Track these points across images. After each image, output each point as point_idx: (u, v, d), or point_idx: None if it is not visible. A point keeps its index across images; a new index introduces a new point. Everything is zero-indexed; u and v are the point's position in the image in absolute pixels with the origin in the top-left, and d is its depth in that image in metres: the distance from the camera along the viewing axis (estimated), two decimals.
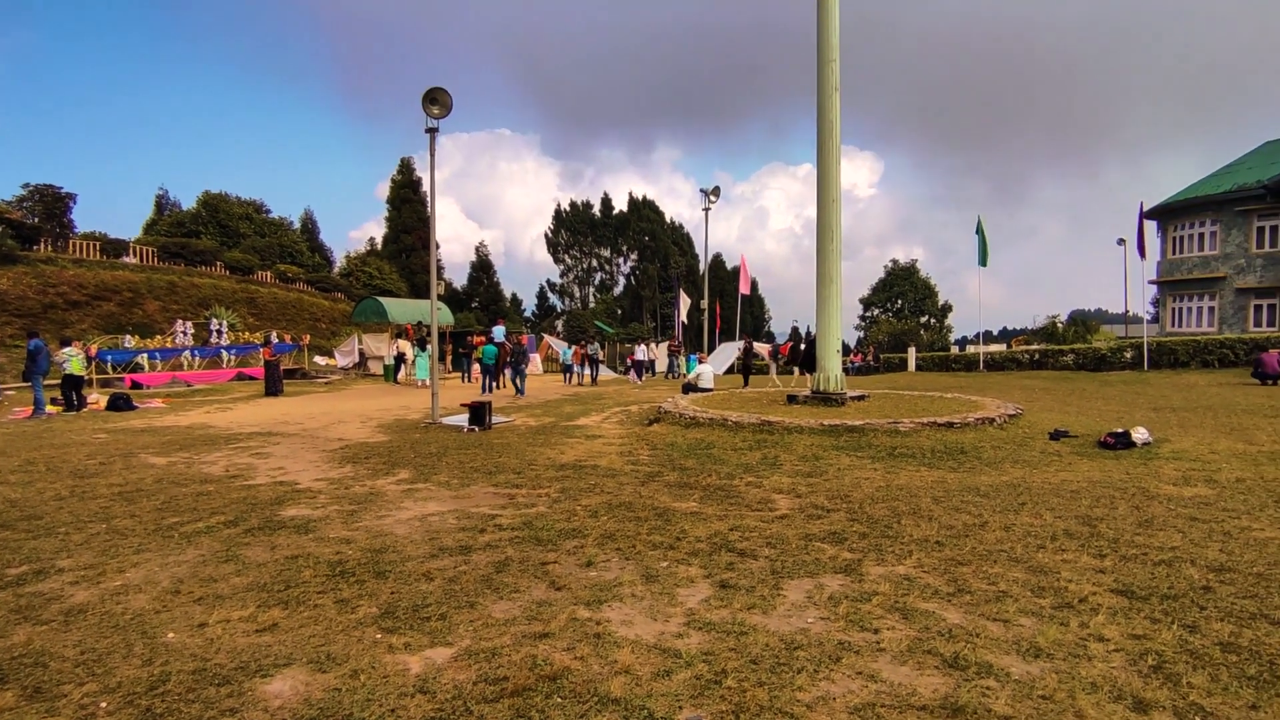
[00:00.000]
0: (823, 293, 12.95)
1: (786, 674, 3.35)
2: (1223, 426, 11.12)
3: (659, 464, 8.73)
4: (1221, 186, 32.55)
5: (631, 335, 51.86)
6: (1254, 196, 30.45)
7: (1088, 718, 2.93)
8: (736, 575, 4.71)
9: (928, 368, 30.56)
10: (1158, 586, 4.33)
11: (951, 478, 7.58)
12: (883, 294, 66.06)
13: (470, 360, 24.22)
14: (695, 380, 17.04)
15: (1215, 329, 31.58)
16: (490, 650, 3.61)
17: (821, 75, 13.40)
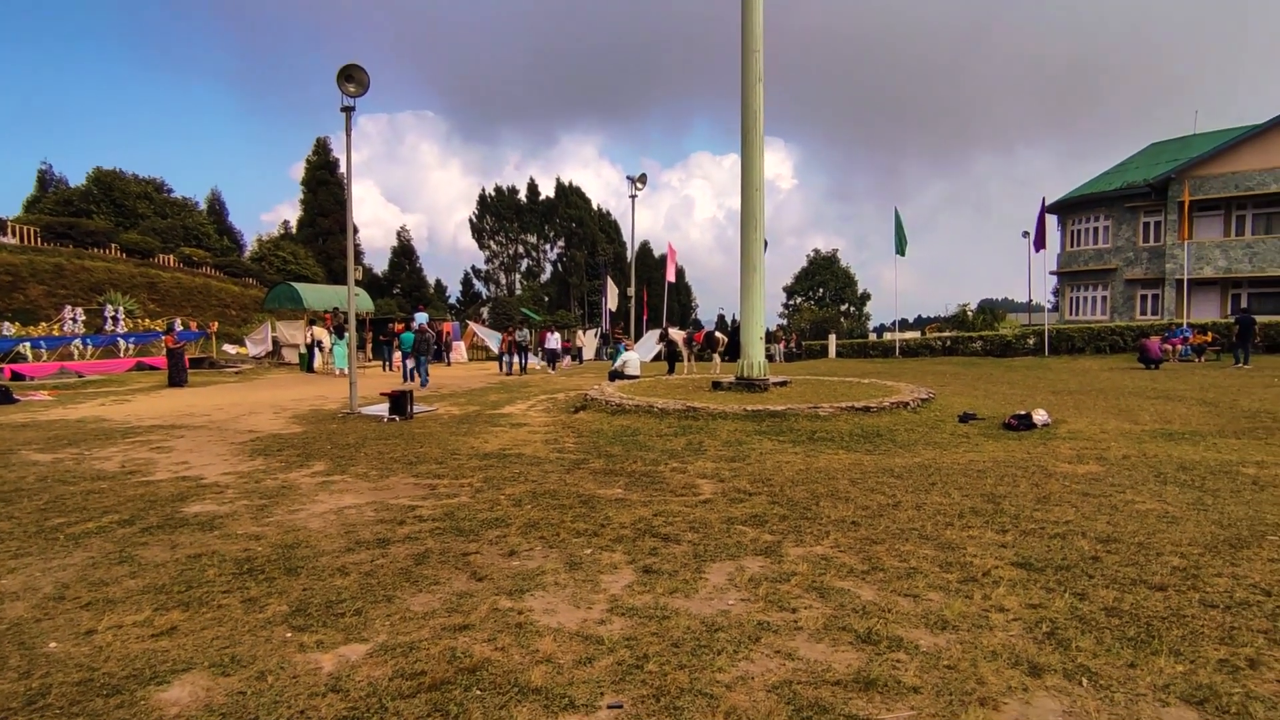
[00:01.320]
0: (746, 280, 13.15)
1: (707, 656, 3.39)
2: (1112, 408, 11.92)
3: (584, 451, 8.70)
4: (1112, 184, 34.80)
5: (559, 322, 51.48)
6: (1140, 194, 32.70)
7: (988, 684, 3.09)
8: (660, 560, 4.74)
9: (847, 354, 31.57)
10: (1053, 558, 4.61)
11: (868, 460, 7.85)
12: (805, 282, 67.77)
13: (391, 348, 23.50)
14: (622, 367, 17.07)
15: (1108, 317, 33.83)
16: (408, 645, 3.52)
17: (745, 65, 13.53)
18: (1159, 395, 13.60)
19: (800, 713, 2.88)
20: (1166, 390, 14.43)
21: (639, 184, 29.25)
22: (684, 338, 21.20)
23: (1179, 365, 21.15)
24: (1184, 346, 22.97)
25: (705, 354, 21.56)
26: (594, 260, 66.09)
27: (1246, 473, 6.96)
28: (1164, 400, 12.82)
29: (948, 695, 3.00)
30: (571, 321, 53.69)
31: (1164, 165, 32.50)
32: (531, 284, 70.42)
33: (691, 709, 2.92)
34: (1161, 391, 14.21)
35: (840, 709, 2.90)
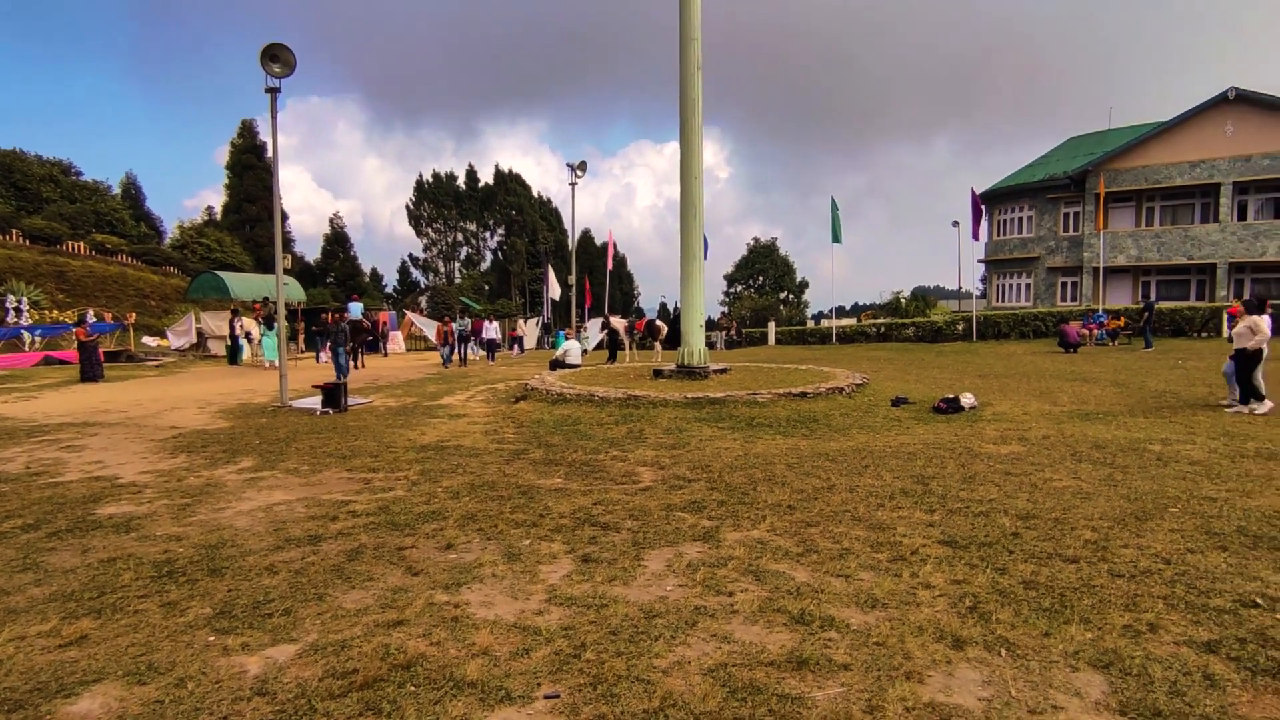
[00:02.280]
0: (686, 269, 13.22)
1: (645, 642, 3.41)
2: (1034, 390, 12.48)
3: (525, 442, 8.63)
4: (1035, 176, 36.28)
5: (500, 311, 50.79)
6: (1061, 186, 34.20)
7: (915, 658, 3.20)
8: (599, 549, 4.74)
9: (786, 341, 32.15)
10: (976, 535, 4.80)
11: (804, 445, 8.03)
12: (745, 270, 68.61)
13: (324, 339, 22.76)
14: (563, 357, 16.97)
15: (1031, 304, 35.36)
16: (339, 643, 3.43)
17: (684, 54, 13.54)
18: (1076, 378, 14.31)
19: (735, 695, 2.93)
20: (1083, 373, 15.19)
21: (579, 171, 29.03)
22: (625, 326, 21.20)
23: (1095, 349, 22.30)
24: (1100, 331, 24.22)
25: (647, 342, 21.62)
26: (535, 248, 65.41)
27: (1152, 449, 7.39)
28: (1081, 382, 13.50)
29: (876, 671, 3.10)
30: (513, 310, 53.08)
31: (1082, 158, 34.05)
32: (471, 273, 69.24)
33: (628, 695, 2.94)
34: (1079, 374, 14.96)
35: (773, 689, 2.97)
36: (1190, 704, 2.79)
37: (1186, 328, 25.74)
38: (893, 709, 2.80)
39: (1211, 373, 14.66)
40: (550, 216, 71.96)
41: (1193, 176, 30.32)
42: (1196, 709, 2.76)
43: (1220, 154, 29.58)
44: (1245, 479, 6.17)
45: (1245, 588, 3.86)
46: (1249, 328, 9.70)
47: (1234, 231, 29.66)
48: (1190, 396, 11.31)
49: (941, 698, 2.89)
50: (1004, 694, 2.91)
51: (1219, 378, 13.69)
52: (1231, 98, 29.10)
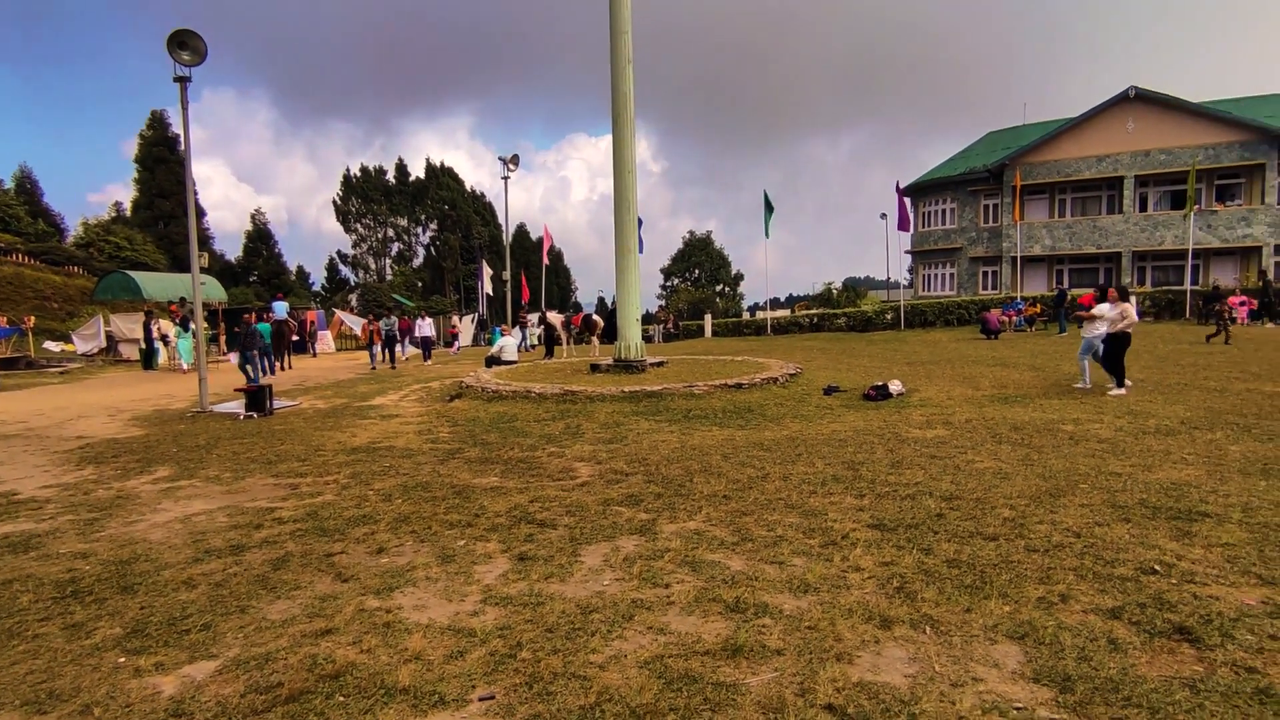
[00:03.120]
0: (621, 263, 13.23)
1: (581, 638, 3.40)
2: (957, 376, 12.99)
3: (460, 440, 8.48)
4: (957, 169, 37.71)
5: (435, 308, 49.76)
6: (981, 179, 35.66)
7: (845, 640, 3.29)
8: (535, 546, 4.70)
9: (723, 333, 32.56)
10: (903, 518, 4.97)
11: (740, 435, 8.14)
12: (681, 264, 69.10)
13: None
14: (499, 353, 16.74)
15: (955, 292, 36.79)
16: (263, 656, 3.29)
17: (614, 47, 13.51)
18: (997, 363, 14.97)
19: (671, 685, 2.95)
20: (1003, 358, 15.90)
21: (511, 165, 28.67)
22: (562, 321, 21.07)
23: (1014, 335, 23.37)
24: (1018, 318, 25.40)
25: (584, 337, 21.56)
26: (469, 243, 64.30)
27: (1065, 429, 7.79)
28: (1001, 367, 14.12)
29: (808, 654, 3.16)
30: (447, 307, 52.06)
31: (1000, 153, 35.56)
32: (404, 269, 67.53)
33: (565, 693, 2.92)
34: (999, 360, 15.65)
35: (709, 678, 3.00)
36: (1096, 668, 2.95)
37: None
38: (824, 690, 2.87)
39: None
40: (484, 211, 70.81)
41: (1099, 170, 32.06)
42: (1102, 672, 2.92)
43: (1123, 149, 31.37)
44: (1147, 454, 6.57)
45: (1145, 556, 4.11)
46: (1120, 314, 10.32)
47: (1136, 222, 31.51)
48: (1099, 379, 11.95)
49: (870, 676, 2.98)
50: (928, 670, 3.01)
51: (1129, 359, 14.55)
52: (1132, 96, 30.87)
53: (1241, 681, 2.82)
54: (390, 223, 69.90)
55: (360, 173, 69.01)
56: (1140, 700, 2.71)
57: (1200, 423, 7.94)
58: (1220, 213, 30.17)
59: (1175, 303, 27.42)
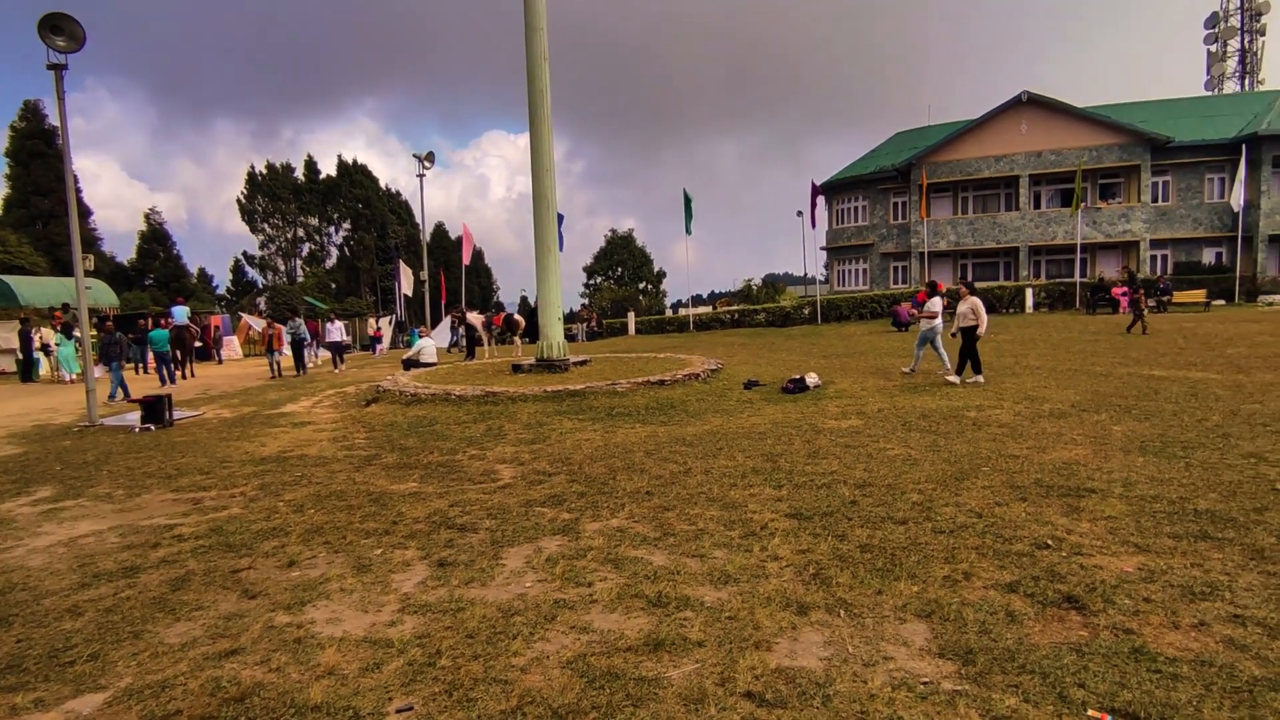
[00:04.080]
0: (542, 262, 13.11)
1: (503, 642, 3.36)
2: (870, 368, 13.50)
3: (376, 446, 8.22)
4: (868, 168, 39.14)
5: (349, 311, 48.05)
6: (890, 178, 37.15)
7: (764, 628, 3.37)
8: (456, 551, 4.61)
9: (646, 331, 32.74)
10: (820, 506, 5.12)
11: (662, 431, 8.21)
12: (604, 262, 69.08)
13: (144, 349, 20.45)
14: (417, 355, 16.31)
15: (868, 287, 38.19)
16: (159, 684, 3.10)
17: (530, 43, 13.36)
18: (907, 354, 15.60)
19: (593, 684, 2.95)
20: (912, 349, 16.59)
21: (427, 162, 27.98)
22: (483, 321, 20.71)
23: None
24: None
25: (506, 337, 21.27)
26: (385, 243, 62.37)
27: (969, 416, 8.21)
28: (911, 358, 14.72)
29: (728, 644, 3.22)
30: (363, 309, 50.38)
31: (907, 152, 37.09)
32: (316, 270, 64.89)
33: (485, 698, 2.88)
34: (909, 350, 16.31)
35: (631, 674, 3.01)
36: (995, 639, 3.13)
37: (997, 304, 28.80)
38: (743, 678, 2.93)
39: (1019, 344, 16.53)
40: (400, 210, 68.85)
41: (997, 170, 33.92)
42: (1000, 643, 3.10)
43: (1018, 150, 33.30)
44: (1041, 437, 7.00)
45: (1040, 532, 4.38)
46: (971, 309, 11.00)
47: (1031, 218, 33.51)
48: (999, 366, 12.66)
49: (788, 662, 3.06)
50: (842, 652, 3.12)
51: (1025, 348, 15.47)
52: (1025, 100, 32.79)
53: (1120, 642, 3.04)
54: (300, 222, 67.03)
55: (266, 170, 65.84)
56: (1033, 667, 2.89)
57: (1088, 405, 8.51)
58: (1103, 210, 32.44)
59: (1066, 294, 29.35)
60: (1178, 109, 34.39)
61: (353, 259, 65.50)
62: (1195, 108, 35.01)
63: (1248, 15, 49.74)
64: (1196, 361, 12.12)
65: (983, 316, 11.01)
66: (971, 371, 11.00)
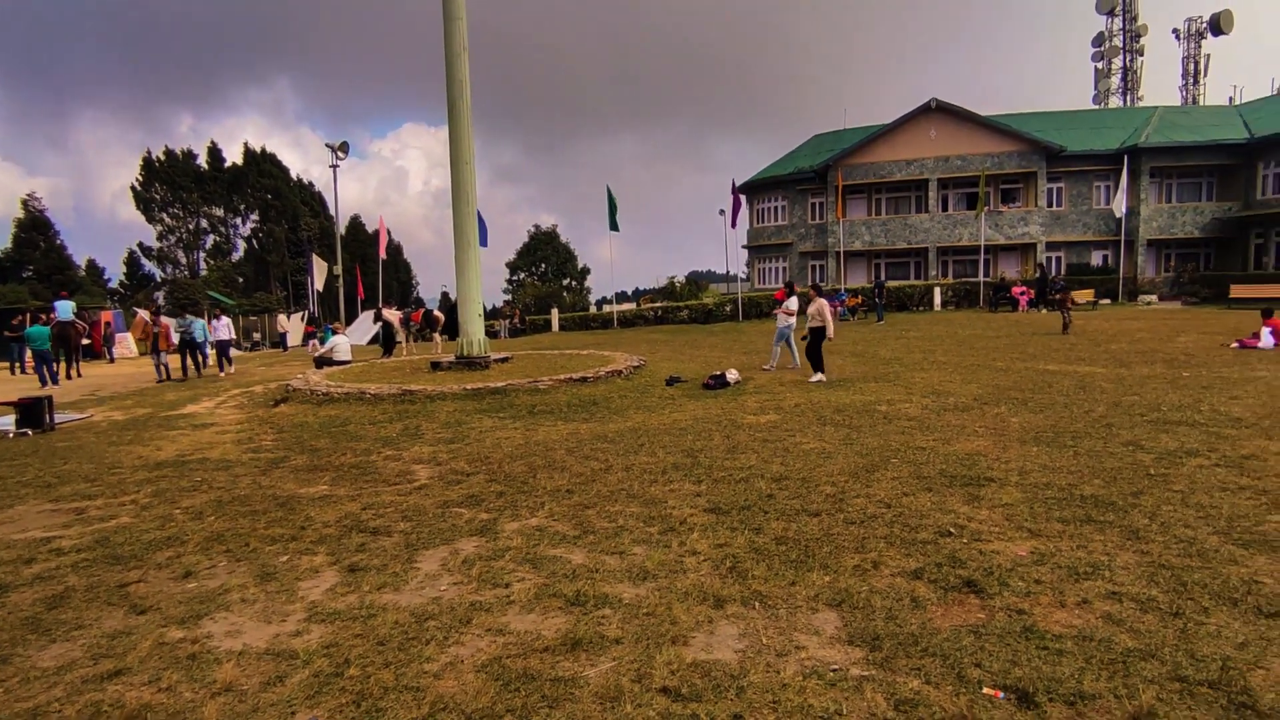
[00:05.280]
0: (461, 257, 12.84)
1: (415, 647, 3.26)
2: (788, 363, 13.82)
3: (285, 448, 7.86)
4: (786, 169, 40.09)
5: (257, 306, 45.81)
6: (808, 179, 38.17)
7: (681, 623, 3.39)
8: (368, 556, 4.45)
9: (570, 327, 32.58)
10: (737, 500, 5.20)
11: (584, 428, 8.17)
12: (527, 258, 68.30)
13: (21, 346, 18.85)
14: (330, 353, 15.67)
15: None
16: (29, 712, 2.87)
17: (448, 34, 13.05)
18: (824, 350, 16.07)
19: (509, 686, 2.90)
20: (828, 346, 17.06)
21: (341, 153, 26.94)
22: (400, 318, 20.10)
23: (839, 324, 25.24)
24: (842, 309, 27.49)
25: (425, 333, 20.72)
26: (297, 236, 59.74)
27: (880, 410, 8.53)
28: (826, 354, 15.14)
29: (646, 641, 3.23)
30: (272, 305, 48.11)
31: (824, 154, 38.19)
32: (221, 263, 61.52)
33: (396, 707, 2.79)
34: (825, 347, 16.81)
35: (547, 674, 2.98)
36: (901, 625, 3.25)
37: (908, 303, 30.12)
38: (660, 674, 2.94)
39: (927, 340, 17.29)
40: (313, 201, 66.08)
41: (908, 173, 35.37)
42: (905, 628, 3.22)
43: (927, 154, 34.82)
44: (946, 429, 7.34)
45: (943, 520, 4.59)
46: (818, 310, 11.50)
47: (939, 220, 35.12)
48: (910, 362, 13.22)
49: (704, 656, 3.09)
50: (757, 643, 3.18)
51: (934, 344, 16.19)
52: (933, 107, 34.31)
53: (1013, 623, 3.22)
54: (204, 212, 63.38)
55: (164, 156, 61.90)
56: (935, 650, 3.02)
57: (989, 399, 8.98)
58: (1004, 213, 34.32)
59: (971, 292, 30.94)
60: (1069, 121, 36.75)
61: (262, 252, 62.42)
62: (1085, 120, 37.51)
63: (1129, 36, 53.62)
64: (1085, 357, 12.99)
65: (828, 319, 11.35)
66: (813, 370, 11.29)
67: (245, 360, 23.32)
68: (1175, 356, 12.42)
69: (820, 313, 11.41)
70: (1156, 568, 3.76)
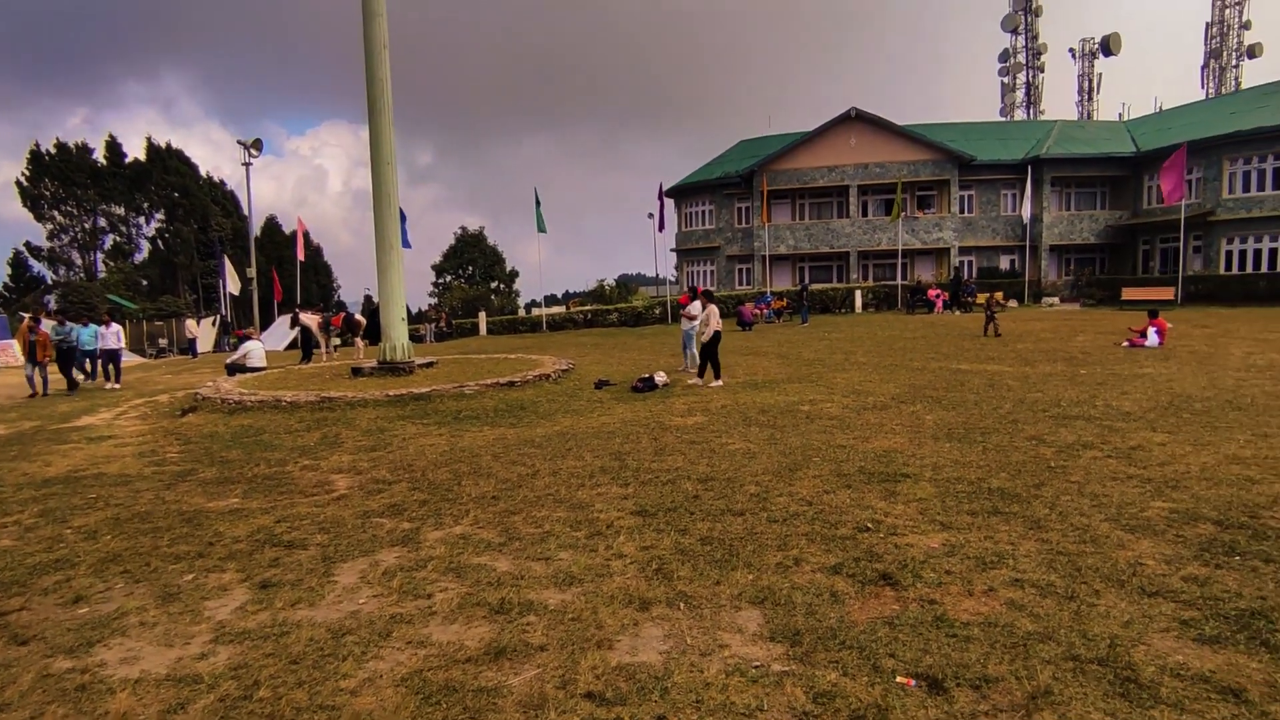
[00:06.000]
0: (383, 259, 12.49)
1: (332, 664, 3.14)
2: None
3: (193, 460, 7.45)
4: (714, 174, 40.71)
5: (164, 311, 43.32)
6: (734, 184, 38.86)
7: (606, 627, 3.38)
8: (282, 571, 4.26)
9: (498, 331, 32.14)
10: (664, 502, 5.24)
11: (511, 433, 8.07)
12: (454, 260, 66.99)
13: None
14: (243, 359, 14.94)
15: (715, 288, 39.70)
16: None
17: (368, 29, 12.69)
18: (750, 352, 16.41)
19: (429, 700, 2.83)
20: (755, 348, 17.47)
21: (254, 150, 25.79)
22: (319, 322, 19.36)
23: (766, 326, 25.82)
24: (768, 311, 28.11)
25: (347, 338, 20.04)
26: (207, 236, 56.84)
27: (803, 410, 8.75)
28: (753, 356, 15.50)
29: (570, 646, 3.21)
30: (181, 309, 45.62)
31: (749, 160, 38.96)
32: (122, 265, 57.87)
33: None
34: (751, 349, 17.17)
35: (470, 685, 2.92)
36: (820, 619, 3.34)
37: (832, 305, 31.03)
38: (584, 679, 2.92)
39: (849, 342, 17.85)
40: (225, 200, 62.95)
41: (830, 179, 36.48)
42: (824, 622, 3.31)
43: (848, 161, 35.99)
44: (866, 428, 7.59)
45: (861, 516, 4.74)
46: (707, 316, 11.69)
47: (860, 225, 36.35)
48: (832, 362, 13.62)
49: (628, 659, 3.09)
50: (681, 644, 3.20)
51: (855, 345, 16.72)
52: (853, 115, 35.51)
53: (925, 613, 3.35)
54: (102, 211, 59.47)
55: (56, 149, 57.78)
56: (852, 642, 3.11)
57: (906, 398, 9.34)
58: (920, 219, 35.82)
59: (890, 295, 32.13)
60: (979, 132, 38.68)
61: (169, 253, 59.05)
62: (992, 131, 39.56)
63: (1031, 54, 56.90)
64: (994, 356, 13.68)
65: (711, 325, 11.28)
66: (712, 376, 11.27)
67: (151, 368, 22.03)
68: (1074, 355, 13.22)
69: (707, 320, 11.40)
70: (1055, 554, 3.98)
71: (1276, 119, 28.90)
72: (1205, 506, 4.68)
